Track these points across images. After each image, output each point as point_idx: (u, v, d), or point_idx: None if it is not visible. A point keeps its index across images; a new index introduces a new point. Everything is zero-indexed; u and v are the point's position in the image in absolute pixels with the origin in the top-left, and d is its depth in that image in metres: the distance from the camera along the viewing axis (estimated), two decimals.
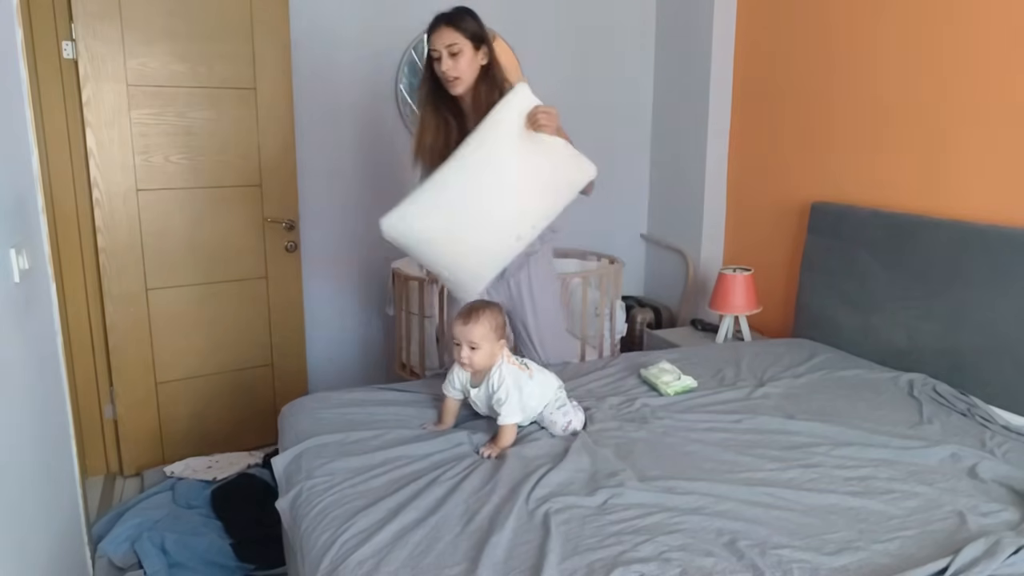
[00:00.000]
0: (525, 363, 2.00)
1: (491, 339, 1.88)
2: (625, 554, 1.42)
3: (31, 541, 1.63)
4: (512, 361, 1.96)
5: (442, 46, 2.14)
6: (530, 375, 1.96)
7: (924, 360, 2.45)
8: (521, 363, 1.99)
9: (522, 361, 2.01)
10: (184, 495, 2.61)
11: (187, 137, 2.83)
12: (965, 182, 2.48)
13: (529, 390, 1.94)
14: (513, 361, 1.96)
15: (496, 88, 2.18)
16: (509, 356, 1.96)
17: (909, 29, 2.63)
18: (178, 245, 2.88)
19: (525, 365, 1.98)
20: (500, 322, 1.92)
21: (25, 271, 1.71)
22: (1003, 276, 2.24)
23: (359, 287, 3.46)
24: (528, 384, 1.94)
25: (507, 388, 1.88)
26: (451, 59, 2.15)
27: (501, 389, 1.88)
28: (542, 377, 2.00)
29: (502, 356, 1.93)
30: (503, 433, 1.88)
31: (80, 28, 2.58)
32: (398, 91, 3.35)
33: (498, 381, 1.89)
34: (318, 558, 1.45)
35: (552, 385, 2.02)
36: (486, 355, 1.89)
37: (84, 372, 2.87)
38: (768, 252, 3.35)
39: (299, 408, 2.16)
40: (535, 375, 1.98)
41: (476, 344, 1.87)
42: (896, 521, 1.58)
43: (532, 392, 1.95)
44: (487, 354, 1.89)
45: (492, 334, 1.89)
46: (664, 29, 3.79)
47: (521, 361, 2.00)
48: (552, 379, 2.04)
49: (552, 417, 1.97)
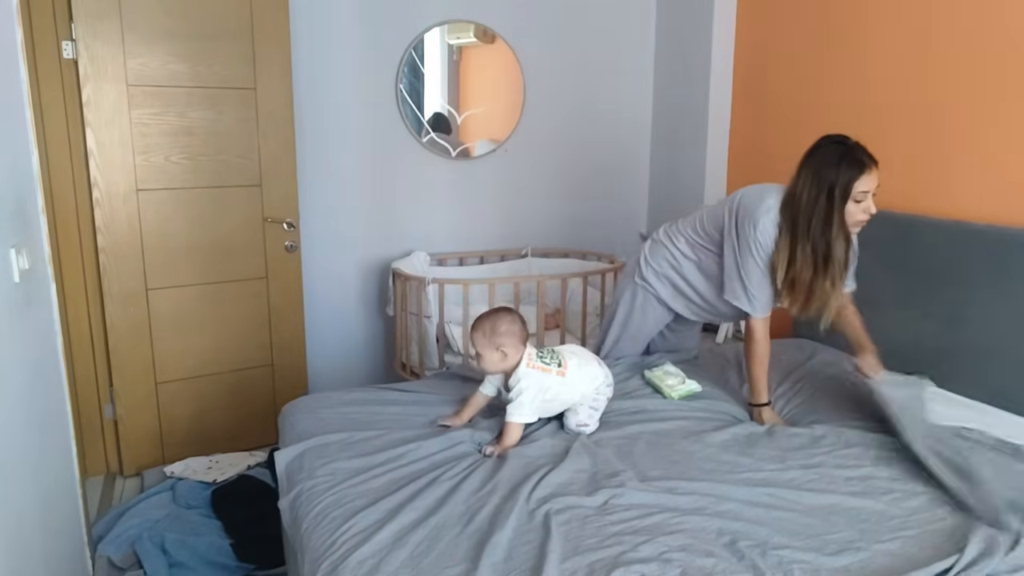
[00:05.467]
0: (560, 360, 1.98)
1: (488, 346, 1.93)
2: (625, 554, 1.42)
3: (31, 541, 1.63)
4: (535, 365, 1.95)
5: (873, 188, 1.98)
6: (562, 374, 1.96)
7: (924, 360, 2.45)
8: (553, 362, 1.97)
9: (555, 358, 1.99)
10: (184, 495, 2.61)
11: (187, 137, 2.82)
12: (965, 182, 2.48)
13: (556, 391, 1.95)
14: (536, 364, 1.95)
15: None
16: (531, 359, 1.95)
17: (909, 29, 2.63)
18: (178, 245, 2.88)
19: (559, 364, 1.97)
20: (502, 330, 1.93)
21: (25, 271, 1.70)
22: (1003, 276, 2.24)
23: (359, 287, 3.46)
24: (556, 385, 1.95)
25: (520, 388, 1.92)
26: (871, 200, 2.00)
27: (515, 389, 1.93)
28: (582, 373, 1.99)
29: (523, 359, 1.95)
30: (507, 431, 1.90)
31: (80, 28, 2.58)
32: (398, 91, 3.35)
33: (513, 382, 1.94)
34: (318, 558, 1.45)
35: (594, 382, 2.00)
36: (491, 361, 1.94)
37: (84, 372, 2.87)
38: None
39: (299, 408, 2.15)
40: (571, 373, 1.97)
41: (479, 352, 1.94)
42: (897, 521, 1.58)
43: (559, 392, 1.96)
44: (491, 360, 1.94)
45: (486, 340, 1.92)
46: (664, 29, 3.79)
47: (554, 358, 1.98)
48: (598, 376, 2.01)
49: (578, 409, 1.98)
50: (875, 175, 1.97)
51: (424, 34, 3.35)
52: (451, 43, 3.45)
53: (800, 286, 2.05)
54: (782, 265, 2.05)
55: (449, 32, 3.42)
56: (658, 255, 2.42)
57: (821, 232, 1.98)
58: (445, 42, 3.43)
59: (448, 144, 3.51)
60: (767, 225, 2.06)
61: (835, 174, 1.96)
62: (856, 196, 1.96)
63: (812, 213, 1.99)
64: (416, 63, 3.37)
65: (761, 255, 2.09)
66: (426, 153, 3.47)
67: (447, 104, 3.49)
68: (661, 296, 2.43)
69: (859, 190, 1.95)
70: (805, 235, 2.00)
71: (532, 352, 1.97)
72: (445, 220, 3.59)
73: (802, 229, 2.01)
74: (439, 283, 3.04)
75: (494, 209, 3.69)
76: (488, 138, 3.62)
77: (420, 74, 3.40)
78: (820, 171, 1.98)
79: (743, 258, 2.12)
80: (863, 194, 1.97)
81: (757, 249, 2.08)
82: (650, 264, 2.43)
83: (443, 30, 3.40)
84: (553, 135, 3.70)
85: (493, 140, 3.62)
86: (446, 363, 3.10)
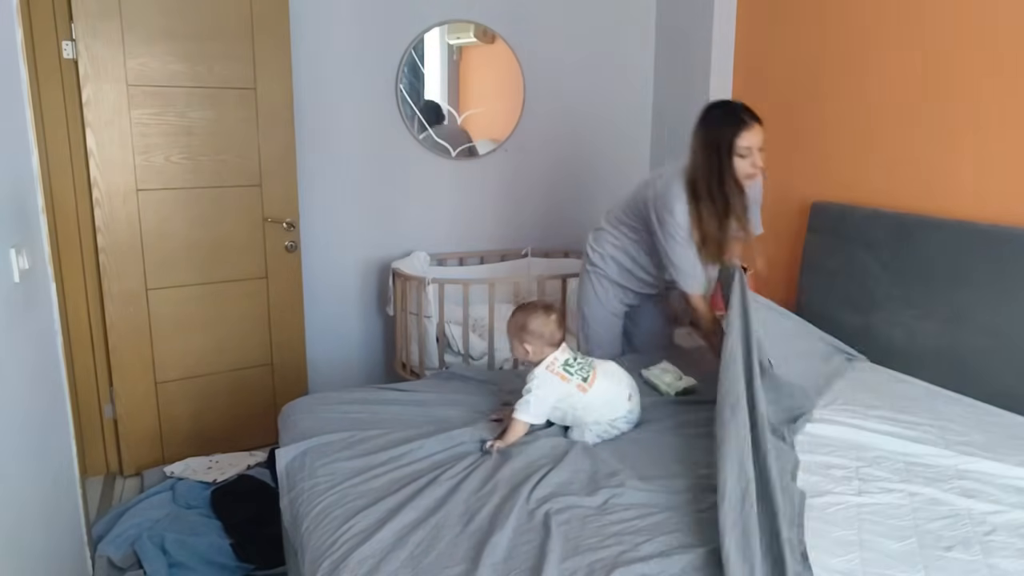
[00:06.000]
0: (589, 376, 1.94)
1: (514, 337, 1.99)
2: (625, 554, 1.42)
3: (31, 541, 1.63)
4: (556, 371, 1.94)
5: (756, 144, 2.17)
6: (583, 389, 1.93)
7: (924, 360, 2.45)
8: (578, 374, 1.94)
9: (584, 372, 1.95)
10: (184, 495, 2.61)
11: (187, 137, 2.82)
12: (965, 182, 2.48)
13: (571, 403, 1.94)
14: (557, 371, 1.94)
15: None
16: (554, 364, 1.95)
17: (909, 28, 2.63)
18: (178, 245, 2.88)
19: (585, 379, 1.94)
20: (530, 328, 1.94)
21: (25, 271, 1.71)
22: (1003, 276, 2.24)
23: (359, 287, 3.46)
24: (572, 398, 1.93)
25: (529, 387, 1.94)
26: (759, 155, 2.19)
27: (525, 387, 1.95)
28: (606, 398, 1.95)
29: (544, 361, 1.95)
30: (511, 427, 1.91)
31: (80, 28, 2.58)
32: (398, 91, 3.35)
33: (528, 379, 1.97)
34: (318, 558, 1.45)
35: (614, 413, 1.96)
36: (516, 351, 2.00)
37: (84, 372, 2.87)
38: (768, 252, 3.35)
39: (299, 408, 2.16)
40: (593, 392, 1.93)
41: (508, 337, 2.02)
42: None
43: (574, 405, 1.94)
44: (517, 350, 2.00)
45: (515, 331, 1.99)
46: (664, 29, 3.79)
47: (580, 372, 1.95)
48: (620, 408, 1.97)
49: (584, 431, 1.95)
50: (757, 131, 2.15)
51: (424, 34, 3.35)
52: (451, 43, 3.45)
53: (711, 241, 2.27)
54: (695, 227, 2.26)
55: (449, 32, 3.42)
56: (602, 240, 2.61)
57: (718, 188, 2.20)
58: (445, 42, 3.43)
59: (448, 143, 3.51)
60: (681, 209, 2.26)
61: (719, 134, 2.17)
62: (740, 151, 2.16)
63: (708, 173, 2.20)
64: (416, 63, 3.37)
65: (683, 235, 2.28)
66: (426, 153, 3.48)
67: (447, 104, 3.50)
68: (612, 276, 2.60)
69: (742, 145, 2.15)
70: (707, 195, 2.22)
71: (561, 358, 1.96)
72: (445, 220, 3.60)
73: (703, 190, 2.22)
74: (439, 283, 3.04)
75: (494, 209, 3.69)
76: (488, 138, 3.62)
77: (420, 74, 3.41)
78: (707, 134, 2.21)
79: (669, 245, 2.32)
80: (747, 149, 2.15)
81: (678, 232, 2.28)
82: (596, 250, 2.62)
83: (443, 30, 3.40)
84: (553, 135, 3.70)
85: (493, 140, 3.62)
86: (446, 363, 3.10)
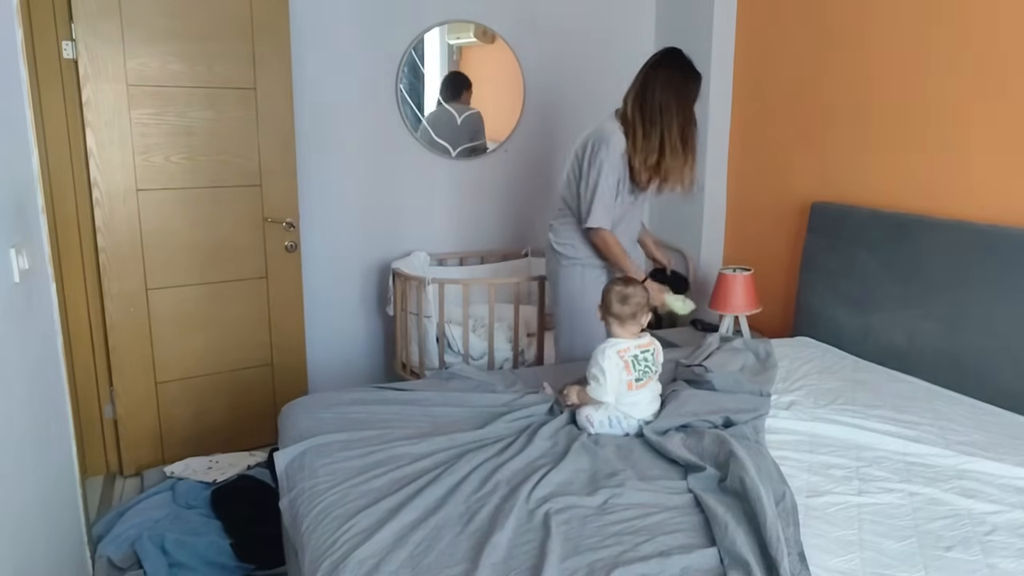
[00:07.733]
0: (645, 377, 1.96)
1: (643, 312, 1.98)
2: (625, 554, 1.42)
3: (31, 541, 1.63)
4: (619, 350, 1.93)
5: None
6: (631, 386, 1.93)
7: (924, 360, 2.45)
8: (637, 370, 1.94)
9: (645, 372, 1.96)
10: (184, 495, 2.61)
11: (187, 137, 2.82)
12: (965, 182, 2.48)
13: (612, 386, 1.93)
14: (625, 357, 1.93)
15: None
16: (625, 349, 1.94)
17: (909, 28, 2.63)
18: (178, 245, 2.88)
19: (639, 379, 1.94)
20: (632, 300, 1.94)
21: (25, 271, 1.70)
22: (1003, 276, 2.24)
23: (359, 287, 3.46)
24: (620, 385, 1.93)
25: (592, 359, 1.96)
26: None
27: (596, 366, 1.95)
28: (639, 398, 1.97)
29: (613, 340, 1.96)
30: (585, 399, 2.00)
31: (80, 28, 2.58)
32: (398, 91, 3.35)
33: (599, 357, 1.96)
34: (318, 557, 1.45)
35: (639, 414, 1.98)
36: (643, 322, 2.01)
37: (84, 372, 2.87)
38: (768, 252, 3.35)
39: (299, 408, 2.15)
40: (637, 393, 1.95)
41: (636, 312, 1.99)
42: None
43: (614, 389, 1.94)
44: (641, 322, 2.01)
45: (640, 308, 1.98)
46: (664, 29, 3.79)
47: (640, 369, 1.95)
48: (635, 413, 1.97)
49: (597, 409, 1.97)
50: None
51: (424, 34, 3.35)
52: (451, 43, 3.45)
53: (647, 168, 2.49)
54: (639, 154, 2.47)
55: (449, 32, 3.42)
56: (562, 233, 2.68)
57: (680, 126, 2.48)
58: (445, 42, 3.43)
59: (448, 144, 3.51)
60: (617, 141, 2.47)
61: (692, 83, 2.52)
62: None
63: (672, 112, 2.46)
64: (416, 63, 3.37)
65: (614, 169, 2.48)
66: (426, 153, 3.48)
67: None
68: (591, 260, 2.65)
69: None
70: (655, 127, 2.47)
71: (633, 344, 1.95)
72: (445, 220, 3.60)
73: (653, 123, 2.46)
74: (439, 283, 3.04)
75: (494, 209, 3.69)
76: (488, 138, 3.62)
77: (420, 74, 3.41)
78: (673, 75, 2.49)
79: (591, 175, 2.48)
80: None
81: (611, 166, 2.47)
82: (563, 243, 2.67)
83: (443, 30, 3.40)
84: (553, 135, 3.70)
85: (493, 140, 3.62)
86: (446, 363, 3.10)
